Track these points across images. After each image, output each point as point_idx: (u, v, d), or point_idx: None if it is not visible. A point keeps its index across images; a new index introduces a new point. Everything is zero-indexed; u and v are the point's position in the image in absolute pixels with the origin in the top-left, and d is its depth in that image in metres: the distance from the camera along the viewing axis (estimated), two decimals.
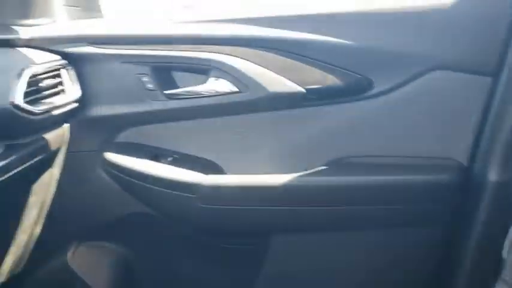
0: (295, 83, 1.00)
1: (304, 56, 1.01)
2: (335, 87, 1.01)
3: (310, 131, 1.05)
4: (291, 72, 1.00)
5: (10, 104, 0.88)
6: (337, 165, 1.04)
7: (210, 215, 1.12)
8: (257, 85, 1.01)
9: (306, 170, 1.03)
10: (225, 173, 1.09)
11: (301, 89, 1.00)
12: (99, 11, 1.29)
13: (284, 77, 1.01)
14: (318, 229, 1.11)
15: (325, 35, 0.99)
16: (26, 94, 0.92)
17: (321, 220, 1.08)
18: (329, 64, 1.00)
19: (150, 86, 1.08)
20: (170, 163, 1.11)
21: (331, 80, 1.00)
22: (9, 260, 1.04)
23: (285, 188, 1.02)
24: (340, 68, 1.00)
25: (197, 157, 1.11)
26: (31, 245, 1.11)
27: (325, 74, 1.00)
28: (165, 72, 1.09)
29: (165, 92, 1.07)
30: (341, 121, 1.04)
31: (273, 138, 1.07)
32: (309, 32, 1.00)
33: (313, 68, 1.00)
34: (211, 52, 1.04)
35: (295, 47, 1.01)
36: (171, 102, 1.08)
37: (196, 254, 1.28)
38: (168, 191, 1.09)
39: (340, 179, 1.02)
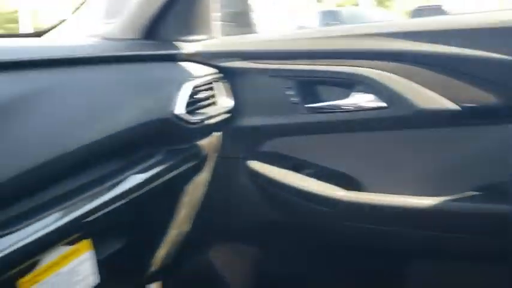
0: (448, 100, 0.94)
1: (460, 72, 0.94)
2: (492, 106, 0.92)
3: (462, 152, 0.98)
4: (444, 89, 0.95)
5: (173, 114, 0.98)
6: (489, 192, 0.95)
7: (346, 231, 1.11)
8: (406, 101, 0.97)
9: (454, 194, 0.96)
10: (366, 190, 1.07)
11: (455, 107, 0.93)
12: (252, 26, 1.37)
13: (436, 93, 0.95)
14: (462, 258, 1.03)
15: (484, 49, 0.92)
16: (185, 105, 1.02)
17: (465, 249, 1.00)
18: (487, 81, 0.92)
19: (294, 99, 1.11)
20: (310, 175, 1.13)
21: (488, 97, 0.92)
22: (161, 252, 1.16)
23: (430, 212, 0.96)
24: (499, 85, 0.91)
25: (337, 171, 1.11)
26: (179, 241, 1.22)
27: (481, 91, 0.93)
28: (309, 86, 1.12)
29: (307, 105, 1.09)
30: (497, 143, 0.95)
31: (420, 157, 1.02)
32: (465, 46, 0.94)
33: (469, 85, 0.93)
34: (357, 66, 1.03)
35: (450, 61, 0.95)
36: (313, 116, 1.09)
37: (328, 267, 1.27)
38: (305, 202, 1.11)
39: (492, 207, 0.94)
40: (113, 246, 0.97)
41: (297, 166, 1.15)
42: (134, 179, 0.91)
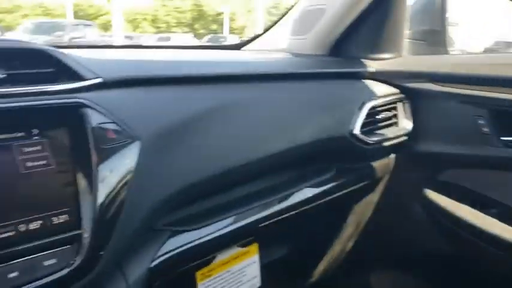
0: None
1: None
2: None
3: None
4: None
5: (349, 133, 0.99)
6: None
7: None
8: None
9: None
10: None
11: None
12: (445, 46, 1.28)
13: None
14: None
15: None
16: (364, 125, 1.01)
17: None
18: None
19: (486, 129, 1.01)
20: (492, 215, 1.02)
21: None
22: (322, 266, 1.17)
23: None
24: None
25: None
26: (340, 258, 1.22)
27: None
28: (506, 117, 1.00)
29: (502, 138, 0.99)
30: None
31: None
32: None
33: None
34: None
35: None
36: (507, 150, 0.98)
37: None
38: (482, 243, 1.01)
39: None
40: (276, 253, 1.02)
41: (477, 202, 1.05)
42: (306, 193, 0.94)
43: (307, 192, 0.94)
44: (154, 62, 0.82)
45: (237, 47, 1.29)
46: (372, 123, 1.05)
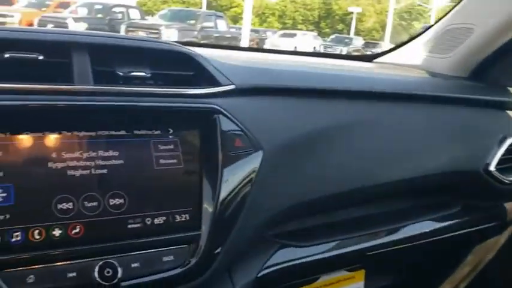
0: None
1: None
2: None
3: None
4: None
5: (483, 169, 0.90)
6: None
7: None
8: None
9: None
10: None
11: None
12: None
13: None
14: None
15: None
16: (501, 161, 0.91)
17: None
18: None
19: None
20: None
21: None
22: None
23: None
24: None
25: None
26: None
27: None
28: None
29: None
30: None
31: None
32: None
33: None
34: None
35: None
36: None
37: None
38: None
39: None
40: (381, 281, 0.97)
41: None
42: (424, 226, 0.88)
43: (426, 226, 0.88)
44: (284, 71, 0.81)
45: (369, 58, 1.24)
46: (510, 161, 0.94)
